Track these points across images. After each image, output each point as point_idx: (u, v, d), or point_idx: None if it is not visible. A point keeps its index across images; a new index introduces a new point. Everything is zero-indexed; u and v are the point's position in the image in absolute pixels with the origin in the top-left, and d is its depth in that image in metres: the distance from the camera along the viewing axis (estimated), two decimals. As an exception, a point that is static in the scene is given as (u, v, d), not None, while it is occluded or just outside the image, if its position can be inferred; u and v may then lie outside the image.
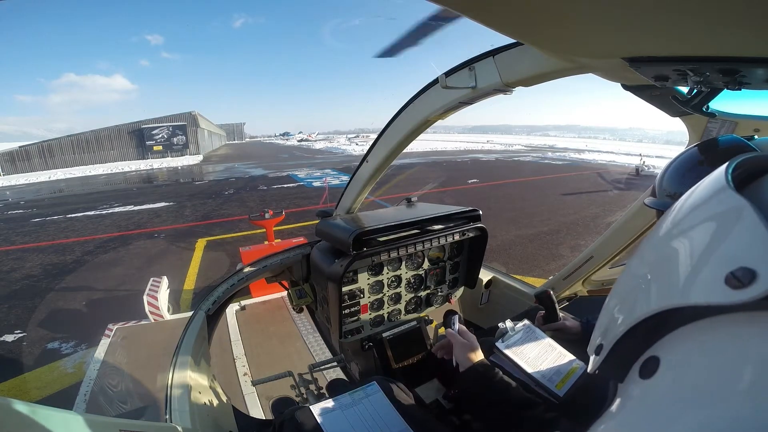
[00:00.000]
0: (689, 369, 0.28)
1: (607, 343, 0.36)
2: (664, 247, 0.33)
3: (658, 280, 0.32)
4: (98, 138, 27.76)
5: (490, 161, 20.26)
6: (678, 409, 0.26)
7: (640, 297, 0.33)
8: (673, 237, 0.33)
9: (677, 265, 0.30)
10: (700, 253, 0.28)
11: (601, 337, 0.37)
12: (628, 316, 0.33)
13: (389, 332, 1.65)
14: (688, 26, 0.43)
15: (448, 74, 1.03)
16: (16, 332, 3.59)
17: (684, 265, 0.29)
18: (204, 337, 1.36)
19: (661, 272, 0.32)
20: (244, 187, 13.04)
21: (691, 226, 0.31)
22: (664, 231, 0.34)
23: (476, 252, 1.74)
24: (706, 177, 0.34)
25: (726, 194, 0.29)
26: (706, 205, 0.31)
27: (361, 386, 1.04)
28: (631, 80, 0.78)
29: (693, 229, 0.31)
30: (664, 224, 0.35)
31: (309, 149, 36.42)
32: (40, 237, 7.26)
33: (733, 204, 0.28)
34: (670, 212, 0.35)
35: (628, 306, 0.34)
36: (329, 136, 77.31)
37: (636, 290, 0.35)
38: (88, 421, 0.67)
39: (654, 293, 0.31)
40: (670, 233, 0.34)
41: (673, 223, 0.34)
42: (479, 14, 0.51)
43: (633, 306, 0.33)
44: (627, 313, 0.33)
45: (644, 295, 0.33)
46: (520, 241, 6.01)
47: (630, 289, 0.36)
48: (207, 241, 6.45)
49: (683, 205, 0.34)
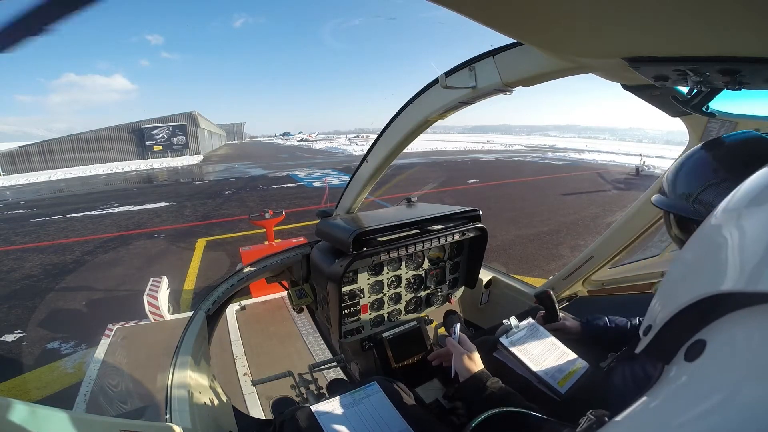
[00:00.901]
0: (742, 348, 0.28)
1: (656, 325, 0.36)
2: (720, 235, 0.33)
3: (715, 265, 0.31)
4: (98, 138, 27.75)
5: (490, 161, 20.26)
6: (730, 386, 0.25)
7: (693, 280, 0.34)
8: (731, 225, 0.32)
9: (738, 251, 0.30)
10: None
11: (651, 319, 0.38)
12: (679, 298, 0.33)
13: (389, 332, 1.65)
14: (688, 26, 0.43)
15: (448, 74, 1.03)
16: (16, 332, 3.59)
17: (747, 252, 0.29)
18: (204, 337, 1.36)
19: (718, 258, 0.32)
20: (244, 187, 13.04)
21: (754, 214, 0.31)
22: (721, 219, 0.34)
23: (476, 252, 1.74)
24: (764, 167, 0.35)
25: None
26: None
27: (362, 386, 1.04)
28: (631, 80, 0.78)
29: (756, 217, 0.31)
30: (720, 212, 0.35)
31: (309, 149, 36.42)
32: (40, 237, 7.26)
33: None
34: (727, 201, 0.36)
35: (681, 289, 0.34)
36: (329, 136, 77.33)
37: (689, 274, 0.36)
38: (88, 421, 0.67)
39: (709, 277, 0.31)
40: (729, 221, 0.33)
41: (731, 211, 0.34)
42: (479, 14, 0.51)
43: (685, 289, 0.33)
44: (678, 295, 0.34)
45: (698, 279, 0.33)
46: (520, 241, 6.01)
47: (683, 273, 0.37)
48: (207, 241, 6.45)
49: (740, 194, 0.34)
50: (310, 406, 0.97)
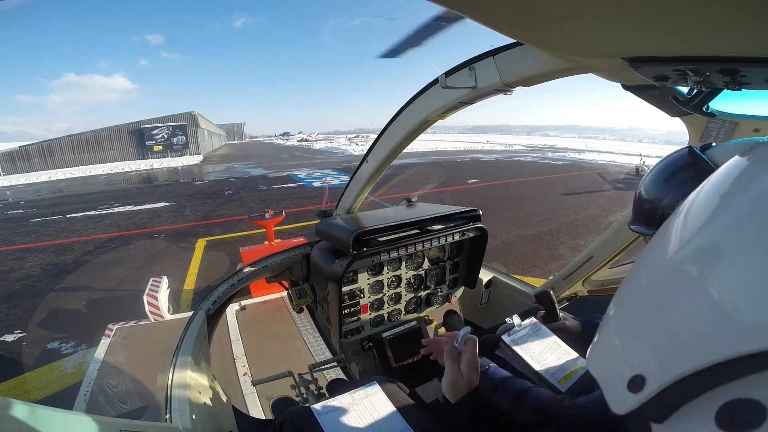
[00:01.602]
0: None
1: (656, 380, 0.26)
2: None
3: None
4: (98, 138, 27.76)
5: (490, 161, 20.26)
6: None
7: (735, 328, 0.23)
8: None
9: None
10: None
11: (642, 367, 0.28)
12: (710, 348, 0.23)
13: (389, 332, 1.65)
14: (688, 26, 0.43)
15: (448, 74, 1.03)
16: (16, 332, 3.59)
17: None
18: (204, 337, 1.36)
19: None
20: (244, 187, 13.04)
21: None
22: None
23: (476, 252, 1.74)
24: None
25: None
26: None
27: (362, 386, 1.04)
28: (631, 80, 0.78)
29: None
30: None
31: (309, 149, 36.43)
32: (40, 237, 7.26)
33: None
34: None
35: (714, 336, 0.24)
36: (329, 136, 77.31)
37: (717, 320, 0.24)
38: (88, 421, 0.67)
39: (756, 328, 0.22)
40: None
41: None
42: (479, 14, 0.51)
43: (725, 337, 0.23)
44: (703, 346, 0.24)
45: (738, 329, 0.23)
46: (520, 241, 6.01)
47: (704, 314, 0.25)
48: (207, 241, 6.45)
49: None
50: (311, 406, 0.97)
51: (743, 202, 0.27)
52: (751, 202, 0.27)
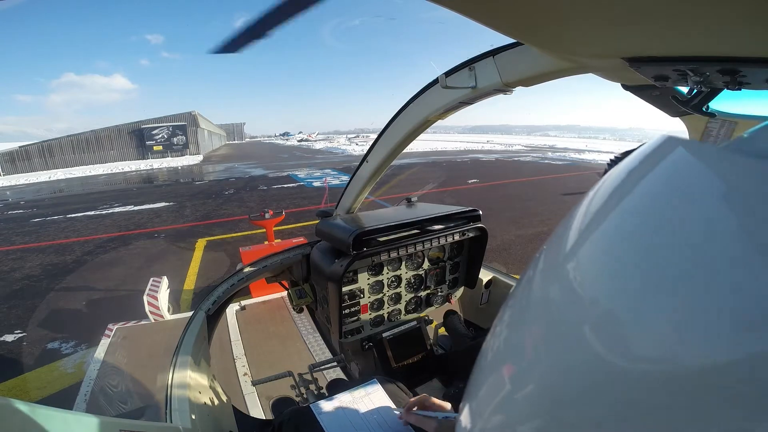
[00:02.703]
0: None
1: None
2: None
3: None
4: (98, 138, 27.75)
5: (490, 161, 20.26)
6: None
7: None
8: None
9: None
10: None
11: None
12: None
13: (389, 332, 1.65)
14: (688, 26, 0.43)
15: (448, 74, 1.03)
16: (16, 332, 3.59)
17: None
18: (204, 337, 1.36)
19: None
20: (244, 187, 13.04)
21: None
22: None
23: (476, 252, 1.74)
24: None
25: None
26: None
27: (362, 384, 1.04)
28: (631, 80, 0.78)
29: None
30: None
31: (309, 149, 36.41)
32: (40, 237, 7.26)
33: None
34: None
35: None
36: (329, 136, 77.30)
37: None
38: (88, 421, 0.67)
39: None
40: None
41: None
42: (479, 14, 0.51)
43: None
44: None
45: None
46: (521, 241, 6.01)
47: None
48: (207, 241, 6.45)
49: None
50: (311, 405, 0.97)
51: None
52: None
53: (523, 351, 0.23)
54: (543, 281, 0.23)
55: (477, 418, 0.26)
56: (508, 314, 0.26)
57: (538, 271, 0.24)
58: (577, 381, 0.18)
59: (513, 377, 0.23)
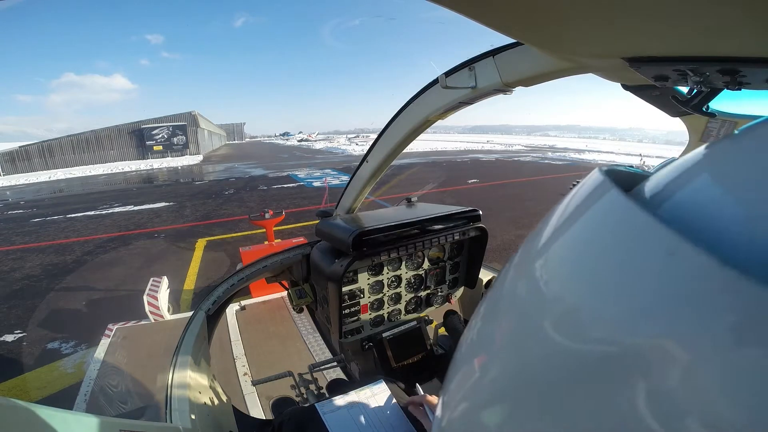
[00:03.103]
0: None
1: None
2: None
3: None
4: (98, 138, 27.76)
5: (490, 161, 20.26)
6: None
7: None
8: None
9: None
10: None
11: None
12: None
13: (389, 332, 1.65)
14: (689, 26, 0.43)
15: (448, 74, 1.03)
16: (16, 332, 3.59)
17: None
18: (204, 337, 1.36)
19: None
20: (244, 187, 13.04)
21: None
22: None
23: (476, 252, 1.74)
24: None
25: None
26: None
27: (368, 384, 1.04)
28: (631, 80, 0.78)
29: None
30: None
31: (309, 149, 36.41)
32: (40, 237, 7.26)
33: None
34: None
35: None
36: (329, 136, 77.27)
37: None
38: (88, 421, 0.67)
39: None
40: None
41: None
42: (479, 14, 0.51)
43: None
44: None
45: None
46: (521, 241, 6.01)
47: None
48: (207, 241, 6.45)
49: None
50: (315, 404, 0.96)
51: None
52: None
53: (485, 341, 0.27)
54: (510, 280, 0.27)
55: (446, 409, 0.28)
56: (482, 308, 0.29)
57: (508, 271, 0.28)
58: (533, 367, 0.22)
59: (479, 365, 0.26)
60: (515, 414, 0.22)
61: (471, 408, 0.26)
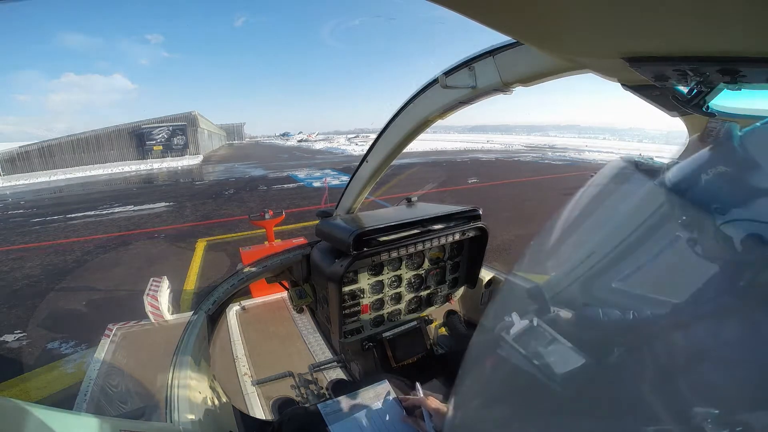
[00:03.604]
0: None
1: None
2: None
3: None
4: (98, 138, 27.74)
5: (490, 161, 20.25)
6: None
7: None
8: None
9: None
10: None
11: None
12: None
13: (390, 332, 1.65)
14: (688, 25, 0.43)
15: (447, 74, 1.03)
16: (16, 332, 3.59)
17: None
18: (204, 337, 1.36)
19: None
20: (244, 187, 13.04)
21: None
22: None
23: (477, 252, 1.74)
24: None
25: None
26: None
27: (371, 384, 1.04)
28: (630, 80, 0.78)
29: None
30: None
31: (309, 149, 36.39)
32: (40, 237, 7.26)
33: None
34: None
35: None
36: (329, 137, 77.21)
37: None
38: (88, 421, 0.67)
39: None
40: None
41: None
42: (479, 14, 0.51)
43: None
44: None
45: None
46: (521, 240, 6.01)
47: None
48: (207, 242, 6.45)
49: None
50: (318, 405, 0.96)
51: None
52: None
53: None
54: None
55: (459, 408, 0.32)
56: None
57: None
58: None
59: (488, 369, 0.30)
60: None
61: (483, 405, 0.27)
